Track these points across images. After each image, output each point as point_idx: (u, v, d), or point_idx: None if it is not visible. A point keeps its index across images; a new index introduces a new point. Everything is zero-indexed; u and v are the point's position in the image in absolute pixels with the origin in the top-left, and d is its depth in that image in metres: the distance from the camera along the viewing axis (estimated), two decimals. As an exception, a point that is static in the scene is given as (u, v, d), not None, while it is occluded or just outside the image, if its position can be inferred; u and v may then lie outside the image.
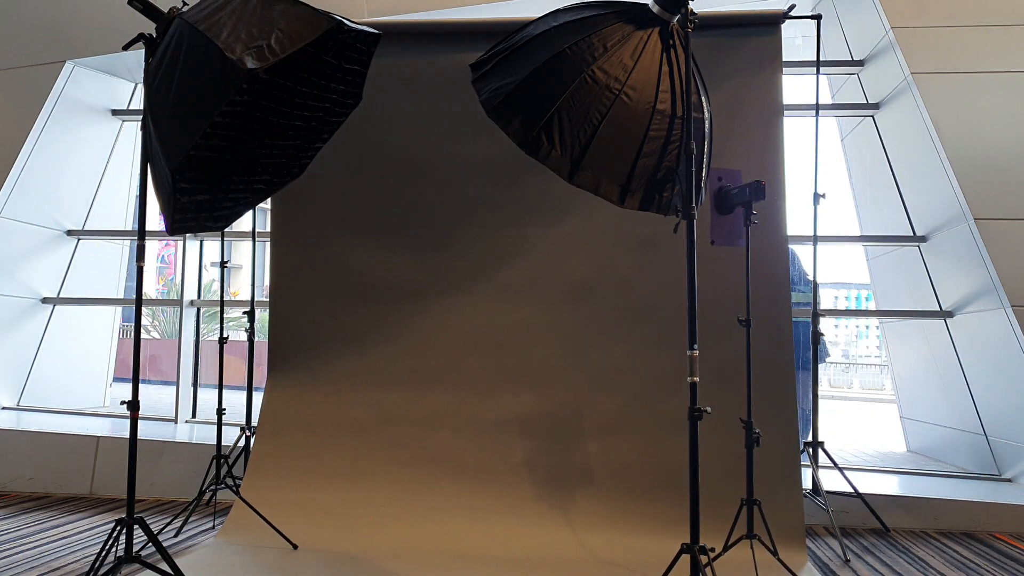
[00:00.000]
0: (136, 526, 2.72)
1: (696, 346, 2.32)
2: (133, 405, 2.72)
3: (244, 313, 4.00)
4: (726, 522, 3.09)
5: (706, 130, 2.45)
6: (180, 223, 2.80)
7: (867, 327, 16.17)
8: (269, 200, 3.57)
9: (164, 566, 2.75)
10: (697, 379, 2.32)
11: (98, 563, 2.66)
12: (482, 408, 3.77)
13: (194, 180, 2.80)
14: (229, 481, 3.69)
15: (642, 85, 2.23)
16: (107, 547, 2.68)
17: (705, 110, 2.43)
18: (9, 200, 5.10)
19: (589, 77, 2.18)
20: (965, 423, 4.70)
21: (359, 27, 2.66)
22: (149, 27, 2.64)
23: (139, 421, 2.78)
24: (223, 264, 4.20)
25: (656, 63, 2.28)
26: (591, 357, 3.79)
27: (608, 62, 2.20)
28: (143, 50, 2.68)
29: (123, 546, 2.71)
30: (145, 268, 2.84)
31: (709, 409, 2.32)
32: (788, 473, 3.52)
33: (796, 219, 4.02)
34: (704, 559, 2.34)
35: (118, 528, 2.70)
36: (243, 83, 2.36)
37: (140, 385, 2.75)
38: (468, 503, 3.56)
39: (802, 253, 4.94)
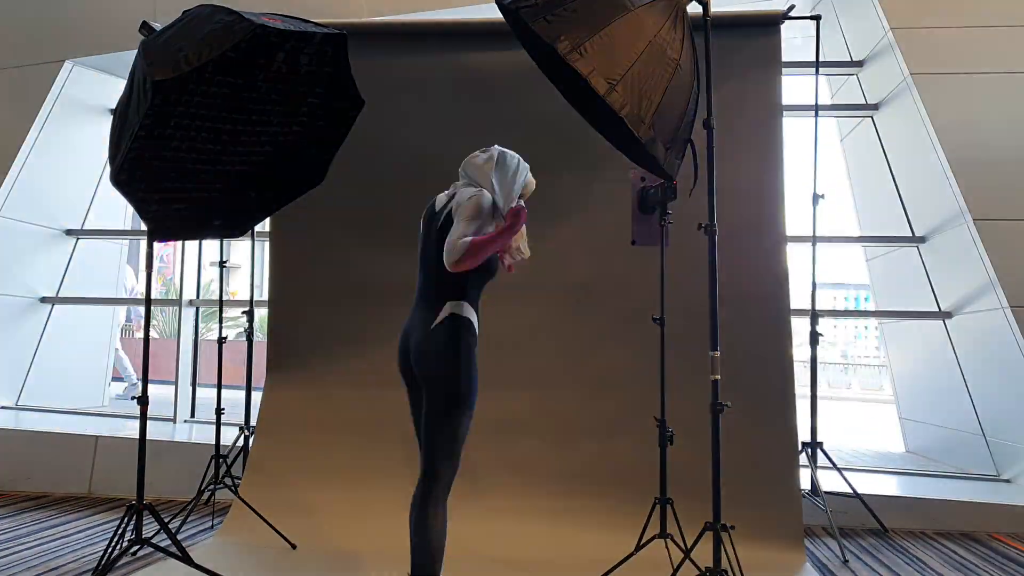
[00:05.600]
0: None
1: (719, 347, 2.43)
2: (143, 400, 2.98)
3: (243, 313, 4.00)
4: (640, 520, 3.08)
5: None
6: (163, 229, 3.08)
7: (866, 327, 16.14)
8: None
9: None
10: (719, 377, 2.43)
11: (111, 548, 2.80)
12: (482, 408, 3.73)
13: (149, 188, 2.99)
14: (228, 481, 3.69)
15: (687, 61, 2.29)
16: (120, 531, 2.82)
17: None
18: (8, 199, 5.09)
19: (654, 41, 2.21)
20: (964, 424, 4.70)
21: (322, 30, 2.72)
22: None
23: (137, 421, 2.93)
24: (222, 264, 4.20)
25: (685, 39, 2.32)
26: (591, 358, 3.79)
27: (667, 31, 2.23)
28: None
29: (125, 542, 2.85)
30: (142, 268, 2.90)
31: (730, 404, 2.42)
32: (786, 473, 3.53)
33: (795, 219, 4.03)
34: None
35: (129, 513, 2.87)
36: (155, 95, 2.56)
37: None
38: (468, 503, 3.55)
39: (801, 253, 4.94)
